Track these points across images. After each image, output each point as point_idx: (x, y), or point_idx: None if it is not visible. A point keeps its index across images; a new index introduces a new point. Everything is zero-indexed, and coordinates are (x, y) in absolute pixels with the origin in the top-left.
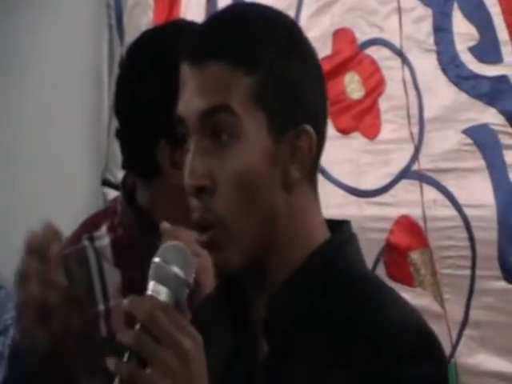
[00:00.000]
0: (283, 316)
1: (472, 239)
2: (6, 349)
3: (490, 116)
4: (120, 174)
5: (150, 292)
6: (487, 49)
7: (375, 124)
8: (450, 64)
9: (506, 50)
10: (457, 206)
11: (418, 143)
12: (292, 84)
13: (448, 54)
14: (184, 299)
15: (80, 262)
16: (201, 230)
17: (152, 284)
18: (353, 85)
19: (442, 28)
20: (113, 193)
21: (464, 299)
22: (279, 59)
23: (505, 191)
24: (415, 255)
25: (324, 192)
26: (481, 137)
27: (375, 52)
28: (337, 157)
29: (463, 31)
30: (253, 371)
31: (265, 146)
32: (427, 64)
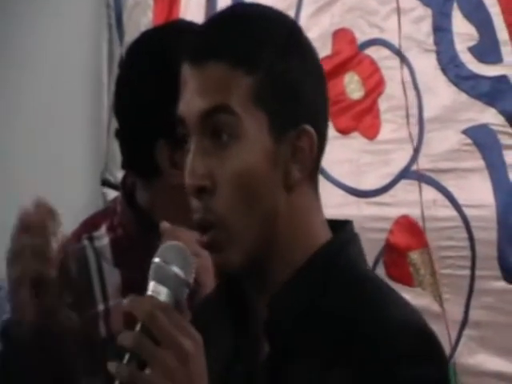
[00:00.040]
0: (284, 316)
1: (472, 239)
2: None
3: (490, 116)
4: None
5: (150, 292)
6: (487, 49)
7: (375, 124)
8: (450, 64)
9: (506, 50)
10: (456, 206)
11: (418, 143)
12: (292, 84)
13: (448, 54)
14: (184, 299)
15: (79, 262)
16: (201, 231)
17: (152, 284)
18: (352, 85)
19: (442, 28)
20: (112, 193)
21: (464, 299)
22: (279, 59)
23: (504, 191)
24: (415, 255)
25: (323, 192)
26: (480, 137)
27: (375, 52)
28: (336, 157)
29: (463, 31)
30: (253, 371)
31: (265, 146)
32: (427, 64)
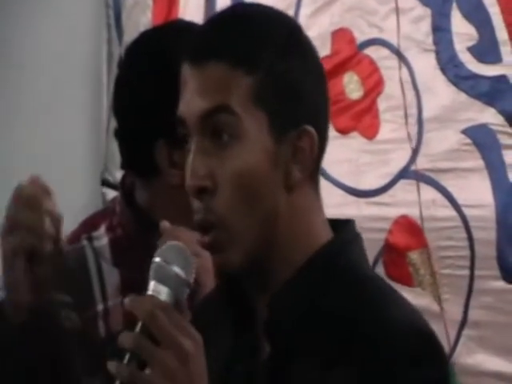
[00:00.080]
0: (285, 316)
1: (471, 239)
2: None
3: (489, 116)
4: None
5: (151, 292)
6: (486, 49)
7: (374, 124)
8: (449, 64)
9: (505, 50)
10: (456, 206)
11: (417, 143)
12: (292, 84)
13: (447, 54)
14: (184, 299)
15: (79, 262)
16: (202, 231)
17: (153, 284)
18: (352, 85)
19: (441, 28)
20: (112, 193)
21: (463, 299)
22: (279, 59)
23: (504, 191)
24: (414, 255)
25: (323, 192)
26: (480, 137)
27: (374, 52)
28: (336, 157)
29: (462, 31)
30: (254, 371)
31: (266, 146)
32: (426, 64)
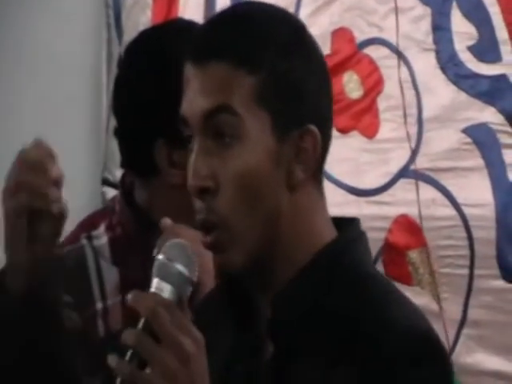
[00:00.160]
0: (288, 315)
1: (471, 238)
2: None
3: (489, 115)
4: (118, 173)
5: (154, 289)
6: (486, 48)
7: (374, 123)
8: (449, 63)
9: (505, 49)
10: (455, 205)
11: (417, 142)
12: (295, 83)
13: (447, 53)
14: (187, 297)
15: (78, 261)
16: (204, 231)
17: (156, 281)
18: (351, 84)
19: (441, 27)
20: (111, 192)
21: (462, 298)
22: (282, 58)
23: (504, 190)
24: (414, 254)
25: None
26: (480, 136)
27: (374, 51)
28: (335, 156)
29: (462, 30)
30: (255, 371)
31: (268, 146)
32: (426, 63)
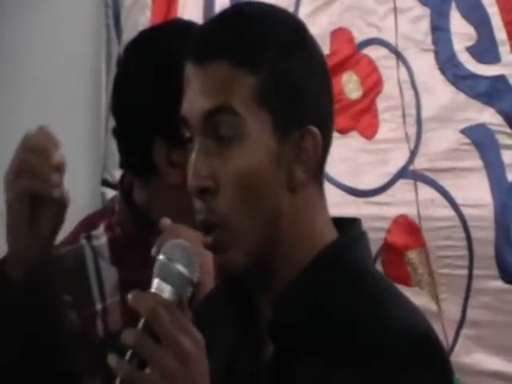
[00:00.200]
0: (289, 316)
1: (469, 239)
2: None
3: (488, 116)
4: (118, 174)
5: (154, 289)
6: (485, 48)
7: (373, 123)
8: (448, 64)
9: (504, 50)
10: (454, 206)
11: (416, 143)
12: (296, 83)
13: (446, 54)
14: (187, 298)
15: (77, 261)
16: (205, 232)
17: (156, 281)
18: (351, 84)
19: (440, 28)
20: (111, 192)
21: (461, 299)
22: (282, 58)
23: (502, 191)
24: (413, 255)
25: None
26: (478, 136)
27: (373, 52)
28: (334, 156)
29: (461, 31)
30: (255, 371)
31: (269, 147)
32: (425, 64)
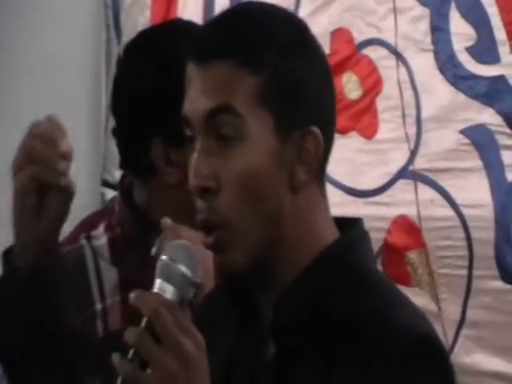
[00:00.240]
0: (290, 317)
1: (469, 239)
2: None
3: (488, 116)
4: (118, 174)
5: (156, 290)
6: (484, 49)
7: (373, 124)
8: (448, 64)
9: (504, 50)
10: (454, 206)
11: (416, 143)
12: (297, 84)
13: (445, 54)
14: (189, 299)
15: (77, 261)
16: (206, 231)
17: (158, 282)
18: (350, 85)
19: (440, 28)
20: (111, 193)
21: (461, 299)
22: (284, 58)
23: (502, 191)
24: (412, 255)
25: None
26: (478, 137)
27: (372, 52)
28: (334, 156)
29: (460, 31)
30: (256, 371)
31: (270, 147)
32: (424, 64)
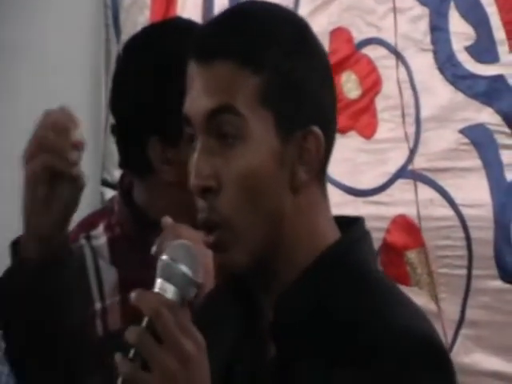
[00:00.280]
0: (291, 317)
1: (468, 239)
2: None
3: (487, 116)
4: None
5: (157, 290)
6: (484, 48)
7: (372, 123)
8: (447, 63)
9: (503, 50)
10: (453, 206)
11: (415, 142)
12: (298, 84)
13: (444, 54)
14: (190, 299)
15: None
16: (206, 231)
17: (159, 282)
18: (349, 84)
19: (439, 27)
20: (110, 192)
21: (460, 298)
22: (286, 58)
23: (501, 191)
24: (412, 254)
25: None
26: (477, 136)
27: (372, 51)
28: (333, 156)
29: (460, 30)
30: (256, 371)
31: (272, 147)
32: (424, 63)
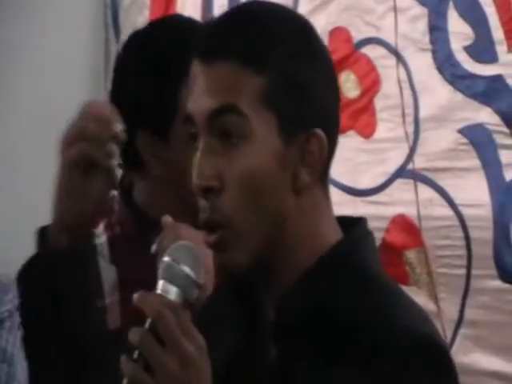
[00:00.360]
0: (292, 318)
1: (468, 238)
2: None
3: (486, 115)
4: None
5: (160, 291)
6: (482, 48)
7: (371, 123)
8: (446, 63)
9: (502, 50)
10: (452, 206)
11: (414, 142)
12: (302, 85)
13: (443, 53)
14: (192, 300)
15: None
16: (208, 231)
17: (161, 283)
18: (348, 84)
19: (438, 27)
20: None
21: (459, 298)
22: (289, 59)
23: (500, 190)
24: (411, 254)
25: None
26: (476, 136)
27: (371, 51)
28: None
29: (458, 30)
30: (257, 372)
31: (274, 148)
32: (423, 63)
